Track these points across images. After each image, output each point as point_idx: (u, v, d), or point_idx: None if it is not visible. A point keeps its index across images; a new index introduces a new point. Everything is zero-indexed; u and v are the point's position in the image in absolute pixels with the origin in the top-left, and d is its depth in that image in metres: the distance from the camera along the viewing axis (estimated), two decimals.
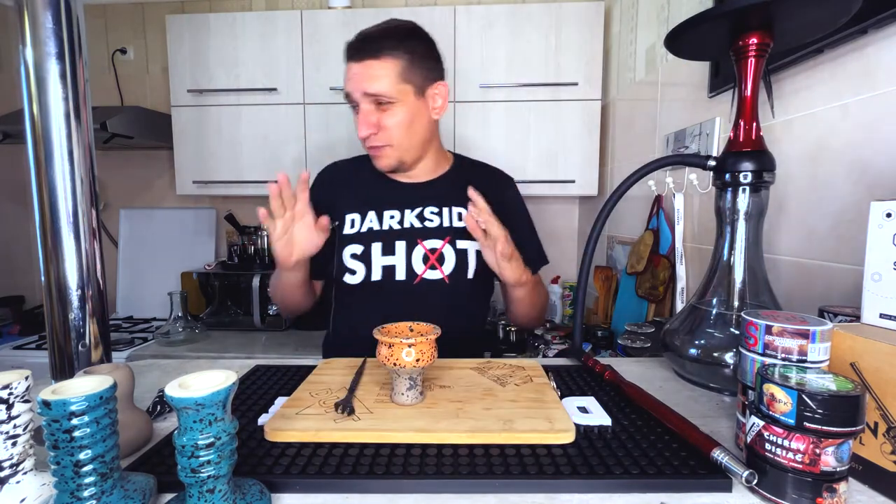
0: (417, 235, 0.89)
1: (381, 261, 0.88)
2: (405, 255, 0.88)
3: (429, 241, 0.89)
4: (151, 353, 1.59)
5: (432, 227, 0.90)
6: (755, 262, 0.67)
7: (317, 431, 0.51)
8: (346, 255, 0.89)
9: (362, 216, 0.91)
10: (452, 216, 0.91)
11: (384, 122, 0.85)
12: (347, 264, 0.89)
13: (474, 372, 0.69)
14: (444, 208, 0.92)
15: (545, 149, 1.71)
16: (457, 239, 0.90)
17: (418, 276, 0.88)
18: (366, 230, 0.89)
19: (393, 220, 0.90)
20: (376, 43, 0.82)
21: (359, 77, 0.82)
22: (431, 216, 0.91)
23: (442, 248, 0.89)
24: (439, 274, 0.88)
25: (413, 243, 0.89)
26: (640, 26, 1.47)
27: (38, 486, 0.40)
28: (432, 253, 0.88)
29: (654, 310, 1.27)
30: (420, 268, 0.88)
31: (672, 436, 0.52)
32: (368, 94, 0.83)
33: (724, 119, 1.02)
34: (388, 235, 0.89)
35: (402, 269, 0.88)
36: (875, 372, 0.44)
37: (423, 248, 0.88)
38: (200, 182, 1.79)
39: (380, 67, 0.81)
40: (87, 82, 0.62)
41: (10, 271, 2.09)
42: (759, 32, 0.62)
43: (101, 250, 0.63)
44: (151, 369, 0.80)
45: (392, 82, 0.82)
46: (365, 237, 0.89)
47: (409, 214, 0.91)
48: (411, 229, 0.89)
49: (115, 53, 2.07)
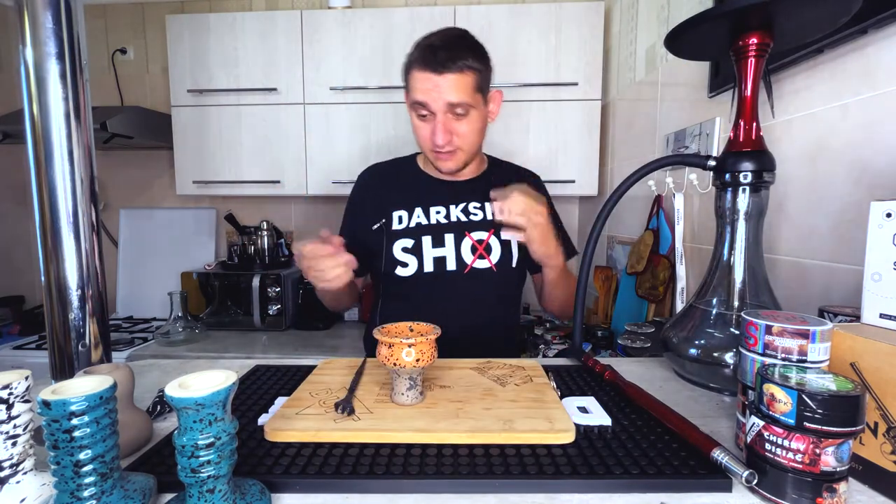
0: (465, 228, 0.95)
1: (433, 252, 0.93)
2: (454, 247, 0.94)
3: (475, 233, 0.95)
4: (151, 353, 1.59)
5: (477, 221, 0.96)
6: (755, 262, 0.67)
7: (317, 431, 0.51)
8: (398, 249, 0.94)
9: (409, 212, 0.96)
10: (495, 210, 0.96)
11: (460, 130, 0.90)
12: (399, 257, 0.94)
13: (474, 372, 0.69)
14: (486, 203, 0.98)
15: (545, 149, 1.71)
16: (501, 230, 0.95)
17: (468, 265, 0.93)
18: (414, 225, 0.94)
19: (439, 214, 0.95)
20: (456, 56, 0.85)
21: (441, 89, 0.85)
22: (475, 210, 0.97)
23: (488, 238, 0.95)
24: (487, 263, 0.94)
25: (461, 235, 0.94)
26: (640, 26, 1.47)
27: (38, 486, 0.40)
28: (479, 244, 0.94)
29: (654, 310, 1.27)
30: (469, 258, 0.94)
31: (672, 436, 0.52)
32: (452, 105, 0.86)
33: (724, 119, 1.02)
34: (437, 229, 0.94)
35: (453, 259, 0.93)
36: (875, 372, 0.44)
37: (470, 239, 0.94)
38: (200, 182, 1.79)
39: (461, 80, 0.85)
40: (87, 82, 0.62)
41: (10, 271, 2.09)
42: (759, 32, 0.62)
43: (101, 250, 0.63)
44: (151, 369, 0.80)
45: (471, 93, 0.87)
46: (414, 231, 0.94)
47: (454, 210, 0.96)
48: (458, 223, 0.95)
49: (115, 53, 2.07)
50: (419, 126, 0.91)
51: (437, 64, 0.84)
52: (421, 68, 0.86)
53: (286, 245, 1.97)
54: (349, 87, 1.69)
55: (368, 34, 1.68)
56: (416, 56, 0.88)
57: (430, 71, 0.85)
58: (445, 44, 0.87)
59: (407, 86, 0.91)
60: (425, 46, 0.87)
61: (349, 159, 1.74)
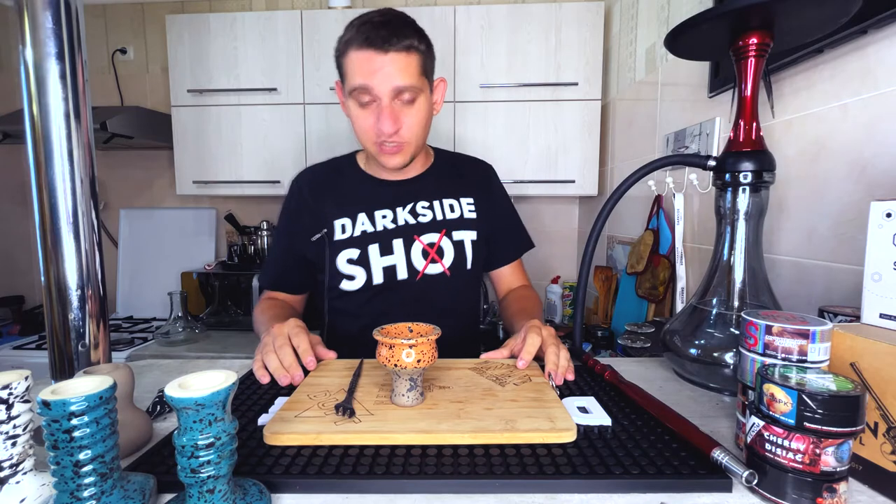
0: (413, 232, 0.87)
1: (381, 262, 0.86)
2: (404, 253, 0.87)
3: (425, 235, 0.88)
4: (151, 353, 1.59)
5: (426, 222, 0.88)
6: (755, 262, 0.67)
7: (318, 435, 0.51)
8: (342, 262, 0.86)
9: (353, 220, 0.88)
10: (444, 209, 0.90)
11: (407, 120, 0.80)
12: (344, 270, 0.86)
13: (473, 372, 0.69)
14: (434, 202, 0.90)
15: (545, 149, 1.71)
16: (452, 231, 0.89)
17: (420, 271, 0.87)
18: (359, 233, 0.87)
19: (385, 219, 0.88)
20: (401, 34, 0.76)
21: (386, 70, 0.75)
22: (424, 211, 0.89)
23: (439, 241, 0.88)
24: (440, 267, 0.87)
25: (410, 240, 0.87)
26: (640, 26, 1.47)
27: (38, 486, 0.40)
28: (431, 247, 0.87)
29: (654, 310, 1.27)
30: (421, 263, 0.87)
31: (672, 436, 0.52)
32: (399, 89, 0.77)
33: (724, 119, 1.02)
34: (384, 236, 0.87)
35: (403, 267, 0.86)
36: (875, 372, 0.44)
37: (420, 243, 0.87)
38: (200, 182, 1.79)
39: (408, 60, 0.76)
40: (87, 82, 0.62)
41: (10, 271, 2.09)
42: (759, 32, 0.62)
43: (101, 250, 0.63)
44: (151, 369, 0.80)
45: (417, 76, 0.78)
46: (359, 240, 0.86)
47: (401, 212, 0.88)
48: (406, 226, 0.87)
49: (115, 53, 2.07)
50: (359, 115, 0.81)
51: (380, 41, 0.74)
52: (361, 47, 0.75)
53: None
54: None
55: None
56: (353, 35, 0.77)
57: (373, 49, 0.75)
58: (387, 20, 0.77)
59: (342, 72, 0.81)
60: (364, 23, 0.77)
61: None
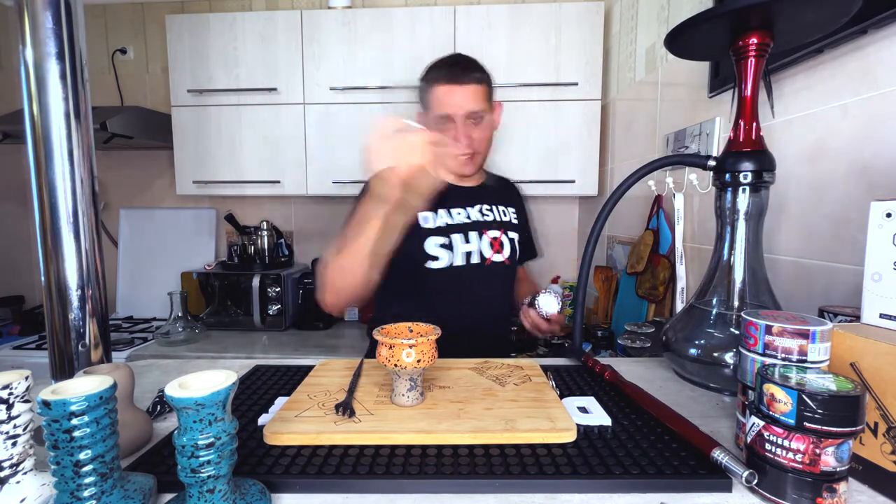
0: (483, 227, 1.07)
1: (463, 248, 1.03)
2: (478, 243, 1.05)
3: (491, 231, 1.07)
4: (151, 353, 1.59)
5: (490, 221, 1.08)
6: (755, 262, 0.67)
7: (318, 434, 0.51)
8: (431, 245, 1.02)
9: (434, 214, 1.05)
10: (499, 213, 1.11)
11: (477, 135, 1.02)
12: (432, 252, 1.02)
13: (473, 372, 0.69)
14: (493, 206, 1.11)
15: (545, 148, 1.70)
16: (507, 230, 1.10)
17: (488, 259, 1.05)
18: (444, 224, 1.04)
19: (460, 215, 1.06)
20: (471, 70, 1.00)
21: (463, 98, 0.98)
22: (487, 212, 1.09)
23: (500, 236, 1.08)
24: (502, 257, 1.07)
25: (482, 233, 1.06)
26: (640, 26, 1.47)
27: (38, 486, 0.40)
28: (495, 240, 1.07)
29: (654, 310, 1.27)
30: (489, 252, 1.06)
31: (672, 436, 0.52)
32: (472, 113, 0.99)
33: (724, 119, 1.02)
34: (463, 228, 1.05)
35: (477, 254, 1.05)
36: (875, 372, 0.44)
37: (487, 236, 1.06)
38: (200, 182, 1.79)
39: (478, 90, 0.99)
40: (87, 82, 0.62)
41: (10, 271, 2.09)
42: (759, 32, 0.62)
43: (101, 250, 0.63)
44: (151, 369, 0.80)
45: (484, 102, 1.01)
46: (445, 230, 1.04)
47: (472, 211, 1.08)
48: (478, 222, 1.07)
49: (115, 53, 2.06)
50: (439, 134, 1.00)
51: (458, 77, 0.98)
52: (444, 83, 0.99)
53: (286, 245, 1.97)
54: (349, 87, 1.69)
55: (368, 34, 1.68)
56: (437, 75, 1.00)
57: (454, 83, 0.98)
58: (459, 61, 1.01)
59: (428, 104, 1.02)
60: (444, 65, 1.01)
61: (349, 159, 1.74)
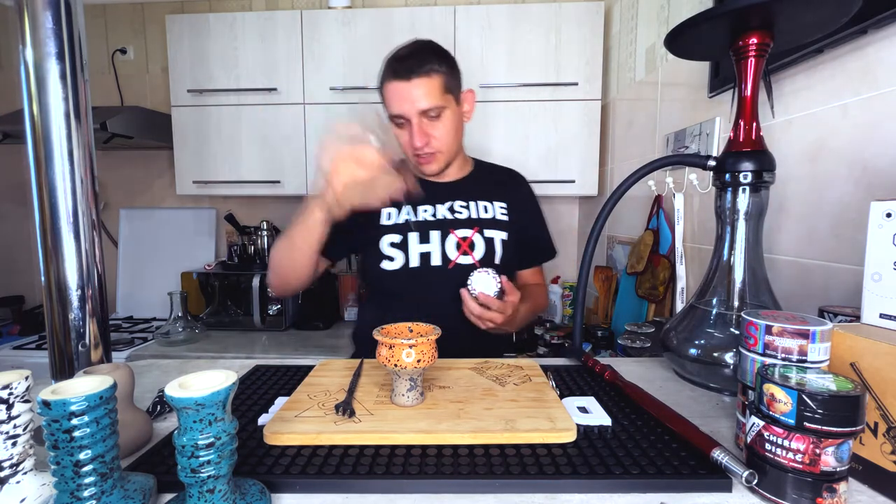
0: (449, 226, 0.98)
1: (418, 248, 0.96)
2: (440, 243, 0.96)
3: (460, 230, 0.98)
4: (151, 353, 1.59)
5: (462, 219, 0.99)
6: (755, 262, 0.67)
7: (318, 434, 0.51)
8: (385, 244, 0.96)
9: (398, 210, 0.99)
10: (479, 209, 1.01)
11: (435, 132, 0.93)
12: (386, 252, 0.96)
13: (473, 372, 0.69)
14: (471, 202, 1.01)
15: (545, 149, 1.70)
16: (484, 228, 0.99)
17: (452, 261, 0.96)
18: (402, 221, 0.98)
19: (426, 213, 0.99)
20: (422, 61, 0.90)
21: (411, 96, 0.89)
22: (460, 209, 1.00)
23: (472, 236, 0.98)
24: (471, 259, 0.97)
25: (446, 233, 0.97)
26: (640, 26, 1.47)
27: (38, 486, 0.40)
28: (464, 241, 0.97)
29: (654, 310, 1.27)
30: (454, 254, 0.96)
31: (672, 436, 0.52)
32: (423, 110, 0.90)
33: (724, 119, 1.02)
34: (424, 226, 0.98)
35: (438, 255, 0.96)
36: (875, 372, 0.44)
37: (455, 236, 0.97)
38: (200, 182, 1.79)
39: (429, 83, 0.90)
40: (87, 82, 0.62)
41: (10, 271, 2.09)
42: (759, 32, 0.62)
43: (101, 250, 0.63)
44: (151, 369, 0.80)
45: (440, 95, 0.91)
46: (402, 227, 0.97)
47: (440, 208, 1.00)
48: (444, 220, 0.98)
49: (115, 53, 2.07)
50: (398, 134, 0.96)
51: (405, 72, 0.89)
52: (391, 79, 0.91)
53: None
54: (349, 87, 1.69)
55: (368, 34, 1.68)
56: (385, 70, 0.93)
57: (400, 79, 0.90)
58: (411, 53, 0.92)
59: (384, 101, 0.95)
60: (392, 59, 0.92)
61: None
